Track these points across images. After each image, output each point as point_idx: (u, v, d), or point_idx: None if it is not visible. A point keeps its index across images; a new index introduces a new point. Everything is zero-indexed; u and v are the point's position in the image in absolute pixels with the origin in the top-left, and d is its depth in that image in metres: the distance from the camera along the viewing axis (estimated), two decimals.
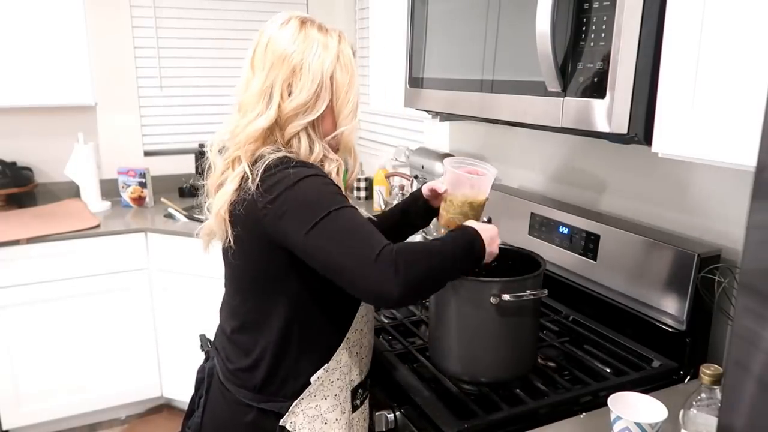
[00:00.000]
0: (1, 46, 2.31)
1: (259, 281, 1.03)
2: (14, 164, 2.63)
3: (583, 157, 1.56)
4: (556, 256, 1.46)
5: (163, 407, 2.68)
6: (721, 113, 0.85)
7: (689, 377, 1.19)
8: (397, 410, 1.13)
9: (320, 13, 3.05)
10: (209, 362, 1.18)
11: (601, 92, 0.95)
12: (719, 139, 0.85)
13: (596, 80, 0.96)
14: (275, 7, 2.93)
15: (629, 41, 0.92)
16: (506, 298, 1.03)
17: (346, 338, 1.06)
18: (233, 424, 1.08)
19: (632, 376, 1.17)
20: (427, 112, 1.61)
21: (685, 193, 1.30)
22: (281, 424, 1.04)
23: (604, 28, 0.94)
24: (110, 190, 2.73)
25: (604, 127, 0.96)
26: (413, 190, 1.79)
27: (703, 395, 0.86)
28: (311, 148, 1.01)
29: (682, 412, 0.88)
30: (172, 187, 2.89)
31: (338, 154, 1.06)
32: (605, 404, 0.93)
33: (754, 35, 0.79)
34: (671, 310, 1.20)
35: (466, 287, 1.07)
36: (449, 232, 1.03)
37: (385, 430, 1.12)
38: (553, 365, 1.24)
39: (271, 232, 0.95)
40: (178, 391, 2.55)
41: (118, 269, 2.40)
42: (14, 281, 2.25)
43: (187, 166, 2.92)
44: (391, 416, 1.12)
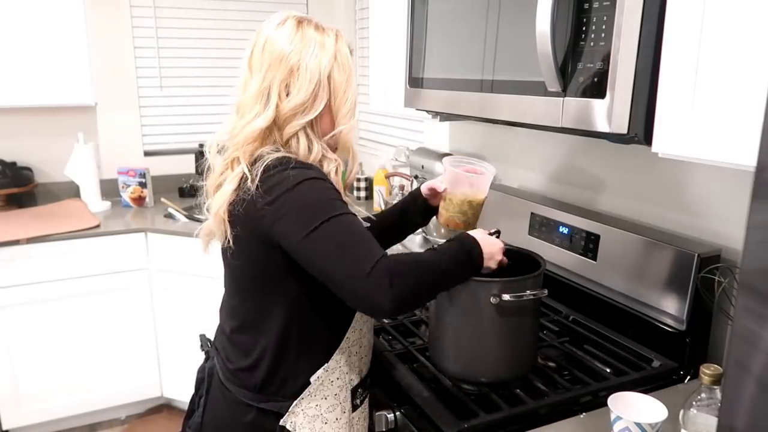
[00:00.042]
0: (1, 46, 2.31)
1: (258, 281, 1.03)
2: (14, 164, 2.63)
3: (583, 157, 1.56)
4: (556, 256, 1.46)
5: (163, 407, 2.68)
6: (721, 113, 0.85)
7: (689, 377, 1.19)
8: (397, 410, 1.13)
9: (320, 13, 3.05)
10: (209, 362, 1.18)
11: (601, 92, 0.95)
12: (719, 139, 0.85)
13: (596, 80, 0.96)
14: (275, 7, 2.92)
15: (629, 41, 0.92)
16: (506, 298, 1.03)
17: (345, 338, 1.07)
18: (233, 423, 1.08)
19: (632, 376, 1.17)
20: (427, 112, 1.61)
21: (685, 193, 1.29)
22: (281, 423, 1.04)
23: (604, 28, 0.94)
24: (110, 190, 2.73)
25: (604, 127, 0.96)
26: (413, 190, 1.79)
27: (703, 395, 0.86)
28: (310, 147, 1.01)
29: (682, 412, 0.88)
30: (172, 187, 2.89)
31: (337, 153, 1.06)
32: (605, 404, 0.93)
33: (754, 35, 0.79)
34: (671, 310, 1.20)
35: (466, 287, 1.07)
36: (447, 240, 1.03)
37: (385, 430, 1.12)
38: (553, 365, 1.24)
39: (268, 233, 0.95)
40: (178, 391, 2.55)
41: (118, 269, 2.40)
42: (14, 281, 2.25)
43: (187, 166, 2.92)
44: (391, 416, 1.12)
